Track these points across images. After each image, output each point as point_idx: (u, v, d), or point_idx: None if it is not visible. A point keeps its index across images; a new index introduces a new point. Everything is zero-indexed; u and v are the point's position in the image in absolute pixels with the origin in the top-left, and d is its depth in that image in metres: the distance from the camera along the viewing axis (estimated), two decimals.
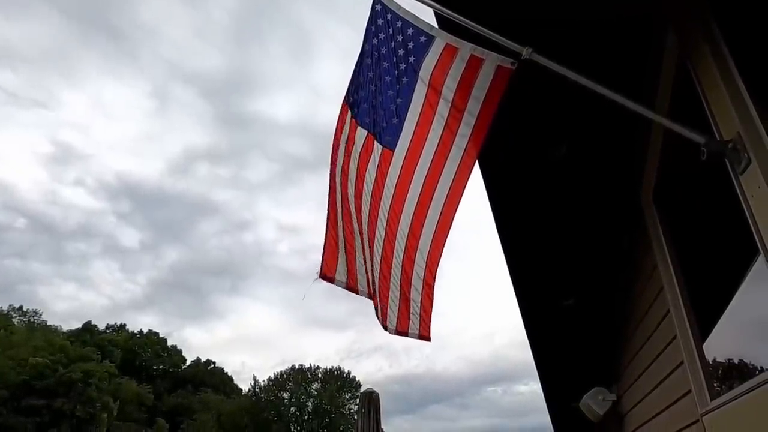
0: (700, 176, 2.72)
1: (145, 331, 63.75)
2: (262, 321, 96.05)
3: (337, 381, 54.34)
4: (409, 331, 2.89)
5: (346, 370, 55.79)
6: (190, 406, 55.28)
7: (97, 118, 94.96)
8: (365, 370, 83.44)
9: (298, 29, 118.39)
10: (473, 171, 2.64)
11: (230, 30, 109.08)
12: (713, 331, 2.70)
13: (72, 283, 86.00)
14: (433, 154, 2.64)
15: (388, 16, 2.77)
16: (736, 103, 1.90)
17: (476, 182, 3.14)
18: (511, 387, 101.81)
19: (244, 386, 62.20)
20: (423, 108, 2.63)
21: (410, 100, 2.66)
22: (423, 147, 2.66)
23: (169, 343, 64.92)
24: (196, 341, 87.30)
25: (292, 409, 53.09)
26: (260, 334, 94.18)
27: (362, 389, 7.47)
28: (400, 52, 2.68)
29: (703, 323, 2.81)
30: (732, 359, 2.69)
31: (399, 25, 2.70)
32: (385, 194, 2.83)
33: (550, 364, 6.21)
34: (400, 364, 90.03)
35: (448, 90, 2.51)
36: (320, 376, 54.88)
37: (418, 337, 2.87)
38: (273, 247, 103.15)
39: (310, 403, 53.33)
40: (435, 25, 2.60)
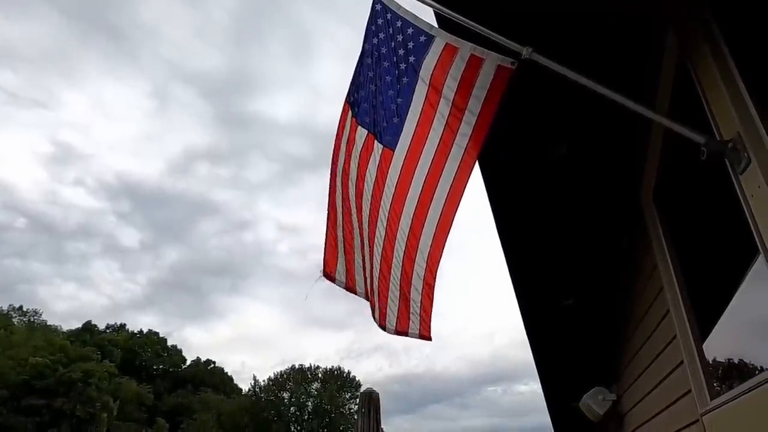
0: (700, 176, 2.72)
1: (145, 330, 63.84)
2: (262, 321, 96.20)
3: (337, 381, 54.34)
4: (409, 331, 2.89)
5: (346, 370, 55.90)
6: (190, 406, 55.27)
7: (97, 118, 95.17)
8: (365, 370, 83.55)
9: (298, 29, 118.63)
10: (473, 170, 2.64)
11: (230, 30, 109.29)
12: (713, 331, 2.70)
13: (72, 283, 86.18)
14: (434, 154, 2.64)
15: (388, 16, 2.77)
16: (736, 103, 1.90)
17: (476, 182, 3.14)
18: (511, 387, 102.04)
19: (244, 386, 62.35)
20: (424, 107, 2.62)
21: (411, 100, 2.65)
22: (423, 146, 2.66)
23: (169, 343, 65.04)
24: (196, 341, 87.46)
25: (292, 409, 53.09)
26: (260, 333, 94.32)
27: (362, 389, 7.46)
28: (401, 52, 2.67)
29: (703, 323, 2.81)
30: (732, 359, 2.69)
31: (399, 25, 2.70)
32: (386, 194, 2.82)
33: (550, 363, 6.21)
34: (400, 364, 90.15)
35: (449, 89, 2.51)
36: (320, 375, 54.90)
37: (419, 337, 2.87)
38: (273, 247, 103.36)
39: (310, 403, 53.33)
40: (435, 25, 2.60)
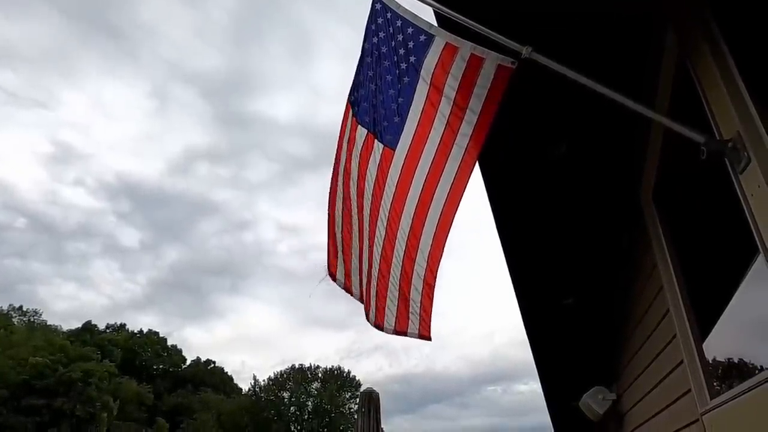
0: (699, 175, 2.72)
1: (145, 330, 63.83)
2: (262, 320, 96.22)
3: (337, 380, 54.35)
4: (408, 331, 2.88)
5: (346, 370, 55.89)
6: (190, 406, 55.27)
7: (97, 118, 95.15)
8: (365, 370, 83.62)
9: (298, 29, 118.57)
10: (473, 170, 2.64)
11: (230, 30, 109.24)
12: (713, 331, 2.70)
13: (72, 283, 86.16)
14: (434, 154, 2.63)
15: (388, 15, 2.77)
16: (735, 103, 1.90)
17: (476, 182, 3.14)
18: (511, 386, 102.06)
19: (244, 386, 62.32)
20: (425, 107, 2.62)
21: (412, 99, 2.65)
22: (424, 146, 2.66)
23: (169, 343, 65.02)
24: (196, 341, 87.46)
25: (292, 409, 53.10)
26: (260, 333, 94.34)
27: (362, 388, 7.46)
28: (401, 51, 2.67)
29: (703, 322, 2.81)
30: (732, 358, 2.69)
31: (399, 24, 2.69)
32: (386, 193, 2.82)
33: (550, 363, 6.22)
34: (400, 364, 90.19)
35: (450, 89, 2.51)
36: (320, 375, 54.90)
37: (418, 337, 2.86)
38: (273, 247, 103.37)
39: (310, 403, 53.34)
40: (434, 24, 2.60)
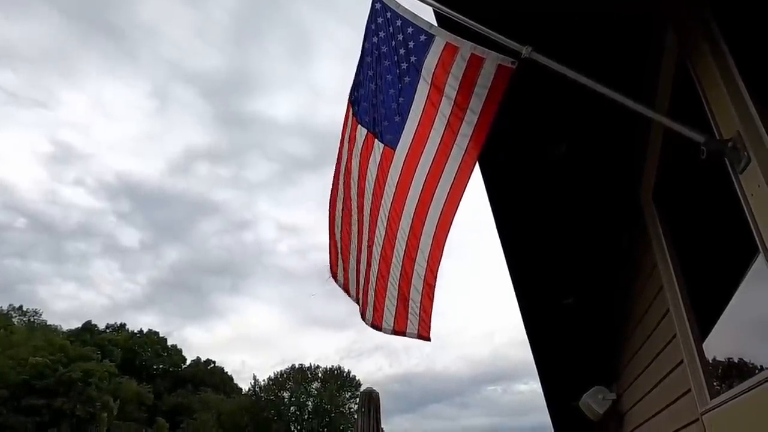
0: (699, 175, 2.72)
1: (145, 330, 63.83)
2: (262, 320, 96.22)
3: (337, 380, 54.35)
4: (407, 331, 2.87)
5: (346, 370, 55.92)
6: (190, 406, 55.27)
7: (97, 118, 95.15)
8: (365, 370, 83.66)
9: (298, 29, 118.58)
10: (473, 170, 2.63)
11: (230, 30, 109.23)
12: (713, 330, 2.70)
13: (72, 283, 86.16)
14: (435, 154, 2.63)
15: (388, 15, 2.76)
16: (735, 102, 1.90)
17: (476, 182, 3.14)
18: (511, 386, 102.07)
19: (244, 386, 62.30)
20: (425, 107, 2.62)
21: (413, 99, 2.65)
22: (424, 146, 2.66)
23: (169, 343, 65.03)
24: (196, 341, 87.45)
25: (292, 409, 53.10)
26: (260, 333, 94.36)
27: (362, 388, 7.45)
28: (401, 51, 2.67)
29: (703, 322, 2.81)
30: (732, 358, 2.69)
31: (398, 24, 2.69)
32: (386, 193, 2.82)
33: (550, 363, 6.21)
34: (400, 364, 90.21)
35: (451, 88, 2.51)
36: (320, 375, 54.90)
37: (417, 337, 2.85)
38: (273, 247, 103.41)
39: (310, 403, 53.34)
40: (434, 23, 2.59)
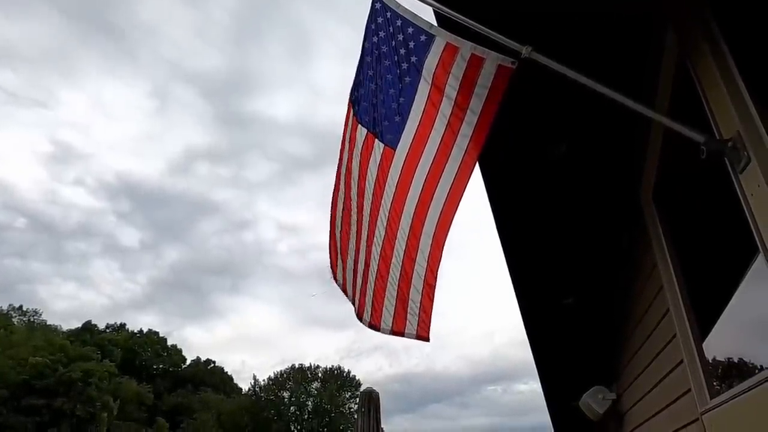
0: (699, 175, 2.72)
1: (145, 330, 63.83)
2: (262, 320, 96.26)
3: (337, 380, 54.36)
4: (406, 331, 2.85)
5: (346, 370, 55.96)
6: (190, 406, 55.27)
7: (97, 118, 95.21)
8: (365, 369, 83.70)
9: (298, 29, 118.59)
10: (473, 171, 2.63)
11: (230, 30, 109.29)
12: (713, 330, 2.70)
13: (72, 283, 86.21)
14: (435, 154, 2.63)
15: (388, 15, 2.76)
16: (735, 102, 1.90)
17: (476, 182, 3.14)
18: (511, 386, 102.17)
19: (244, 385, 62.31)
20: (426, 107, 2.62)
21: (413, 99, 2.65)
22: (425, 146, 2.66)
23: (169, 343, 65.04)
24: (196, 340, 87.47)
25: (292, 409, 53.11)
26: (260, 333, 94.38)
27: (362, 388, 7.46)
28: (402, 51, 2.67)
29: (703, 322, 2.81)
30: (732, 358, 2.69)
31: (399, 24, 2.69)
32: (386, 193, 2.82)
33: (550, 363, 6.21)
34: (400, 364, 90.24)
35: (452, 88, 2.51)
36: (320, 375, 54.91)
37: (416, 338, 2.83)
38: (273, 247, 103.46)
39: (310, 403, 53.35)
40: (434, 23, 2.59)
